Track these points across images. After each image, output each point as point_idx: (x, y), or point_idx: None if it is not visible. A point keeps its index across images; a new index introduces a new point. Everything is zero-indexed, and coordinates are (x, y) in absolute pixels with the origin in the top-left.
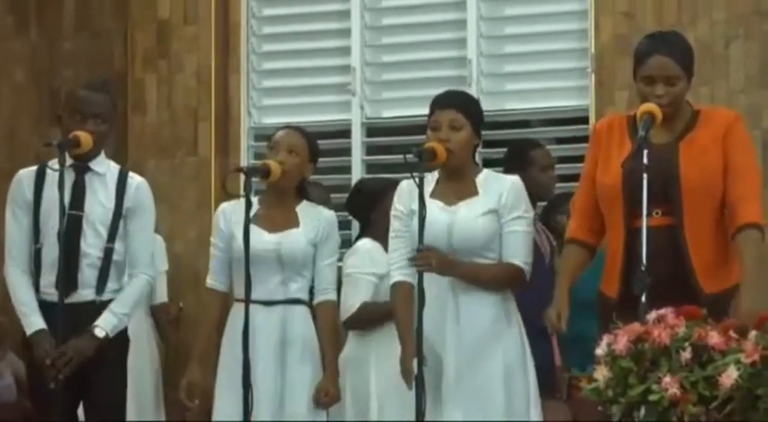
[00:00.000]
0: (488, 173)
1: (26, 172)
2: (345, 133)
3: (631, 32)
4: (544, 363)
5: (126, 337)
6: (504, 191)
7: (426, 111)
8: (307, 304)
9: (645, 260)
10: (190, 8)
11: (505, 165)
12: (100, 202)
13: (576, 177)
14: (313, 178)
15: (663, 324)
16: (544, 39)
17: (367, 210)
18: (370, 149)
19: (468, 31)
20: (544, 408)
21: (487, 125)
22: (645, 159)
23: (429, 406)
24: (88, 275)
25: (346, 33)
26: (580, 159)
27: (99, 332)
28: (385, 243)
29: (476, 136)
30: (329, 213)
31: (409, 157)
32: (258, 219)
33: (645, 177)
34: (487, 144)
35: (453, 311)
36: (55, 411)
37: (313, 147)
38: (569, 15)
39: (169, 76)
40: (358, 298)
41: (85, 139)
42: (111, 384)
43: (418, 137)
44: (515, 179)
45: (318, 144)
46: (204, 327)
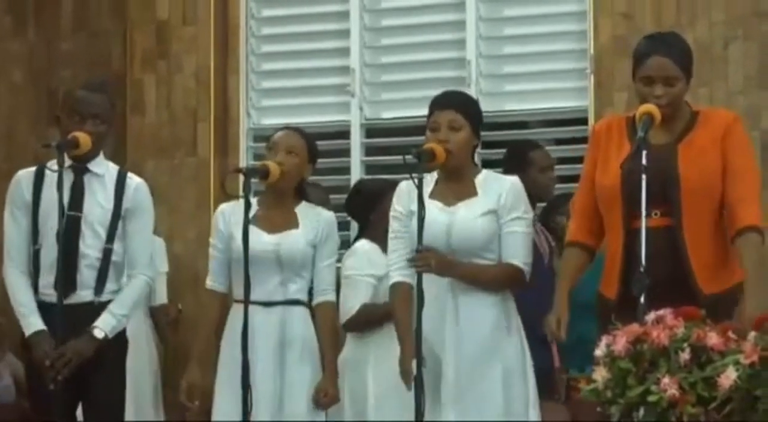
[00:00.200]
0: (487, 174)
1: (25, 173)
2: (344, 134)
3: (629, 33)
4: (543, 365)
5: (125, 338)
6: (503, 192)
7: (425, 112)
8: (306, 305)
9: (644, 261)
10: (189, 9)
11: (505, 166)
12: (98, 202)
13: (575, 178)
14: (312, 178)
15: (662, 325)
16: (543, 40)
17: (366, 211)
18: (369, 150)
19: (467, 32)
20: (543, 409)
21: (486, 126)
22: (644, 160)
23: (428, 407)
24: (86, 276)
25: (345, 34)
26: (579, 160)
27: (98, 333)
28: (383, 244)
29: (475, 136)
30: (328, 214)
31: (408, 158)
32: (257, 220)
33: (644, 178)
34: (486, 145)
35: (452, 312)
36: (54, 412)
37: (312, 148)
38: (568, 16)
39: (168, 76)
40: (358, 300)
41: (83, 139)
42: (109, 384)
43: (418, 138)
44: (514, 180)
45: (317, 145)
46: (203, 328)
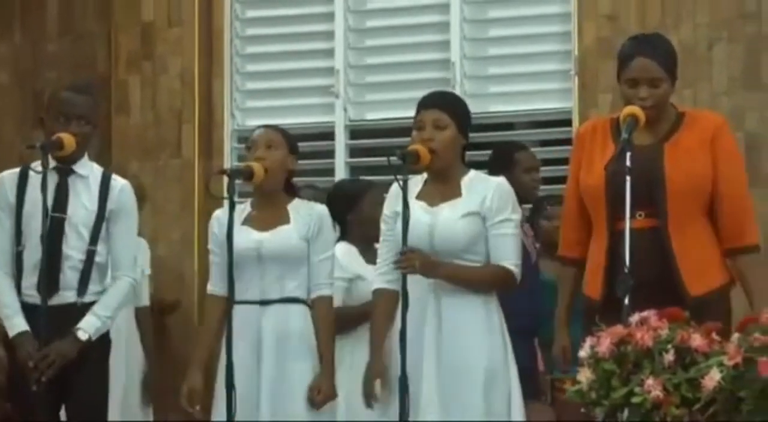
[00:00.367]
0: (474, 175)
1: (9, 174)
2: (328, 135)
3: (614, 35)
4: (527, 364)
5: (108, 339)
6: (488, 193)
7: (410, 113)
8: (305, 302)
9: (628, 262)
10: (174, 11)
11: (490, 166)
12: (83, 204)
13: (559, 179)
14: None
15: (646, 326)
16: (528, 41)
17: (344, 212)
18: (353, 151)
19: (451, 33)
20: (529, 410)
21: (471, 127)
22: (628, 161)
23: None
24: (69, 277)
25: (329, 35)
26: (564, 161)
27: (82, 335)
28: (360, 245)
29: (462, 136)
30: (321, 208)
31: (393, 159)
32: (250, 221)
33: (628, 179)
34: (470, 146)
35: (434, 313)
36: (37, 413)
37: (290, 139)
38: (552, 18)
39: (153, 78)
40: None
41: (68, 140)
42: (92, 385)
43: (402, 139)
44: (501, 181)
45: (294, 137)
46: (204, 333)
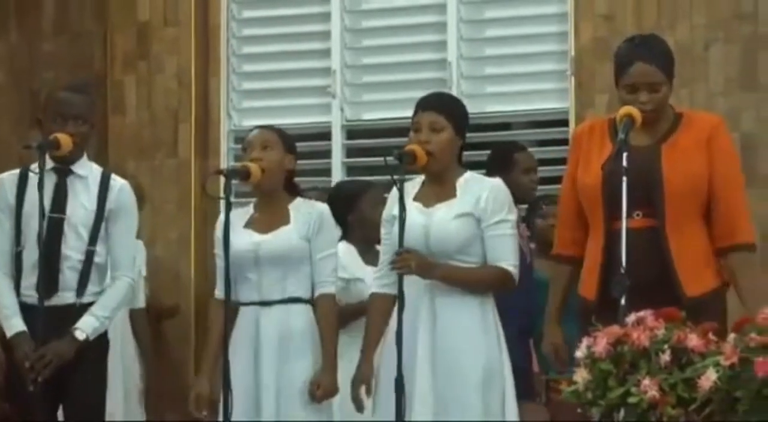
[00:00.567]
0: (470, 176)
1: (9, 176)
2: (325, 135)
3: (610, 35)
4: (522, 365)
5: (106, 339)
6: (483, 194)
7: (406, 113)
8: (307, 302)
9: (624, 262)
10: (170, 10)
11: (488, 167)
12: (82, 204)
13: (556, 179)
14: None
15: (642, 326)
16: (524, 42)
17: (344, 213)
18: (350, 152)
19: (448, 33)
20: (522, 410)
21: (467, 127)
22: (624, 161)
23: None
24: (68, 278)
25: (326, 35)
26: (561, 161)
27: (79, 334)
28: (360, 246)
29: (459, 137)
30: (322, 207)
31: (390, 159)
32: (252, 224)
33: (624, 180)
34: (467, 146)
35: (429, 314)
36: (34, 413)
37: (286, 139)
38: (549, 18)
39: (149, 77)
40: None
41: (64, 141)
42: (90, 386)
43: (399, 140)
44: (496, 182)
45: (291, 136)
46: (211, 338)
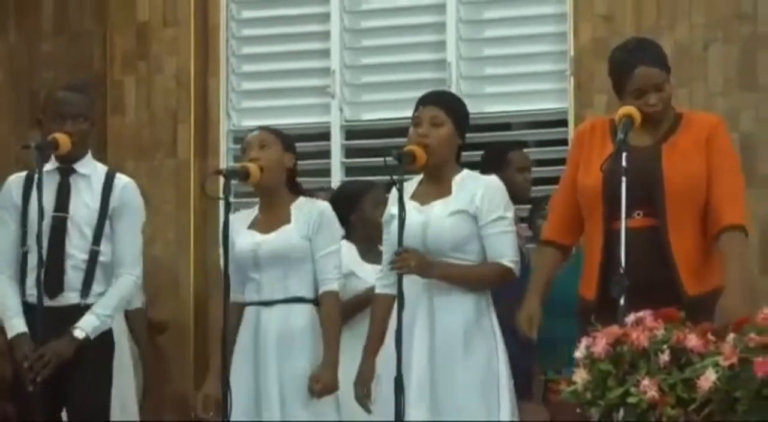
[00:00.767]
0: (466, 174)
1: (15, 178)
2: (324, 135)
3: (609, 35)
4: (522, 364)
5: (110, 340)
6: (478, 191)
7: (406, 114)
8: (311, 301)
9: (624, 263)
10: (170, 11)
11: (482, 167)
12: (85, 203)
13: (556, 180)
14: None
15: (641, 326)
16: (523, 42)
17: (346, 213)
18: (349, 152)
19: (447, 34)
20: (522, 410)
21: (468, 128)
22: (624, 161)
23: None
24: (73, 277)
25: (325, 35)
26: (560, 161)
27: (78, 333)
28: (361, 245)
29: (458, 135)
30: (322, 205)
31: (389, 159)
32: (256, 224)
33: (624, 179)
34: (466, 146)
35: (426, 313)
36: (34, 414)
37: (284, 138)
38: (548, 18)
39: (149, 77)
40: None
41: (63, 140)
42: (92, 386)
43: (398, 140)
44: (491, 179)
45: (290, 136)
46: (221, 339)
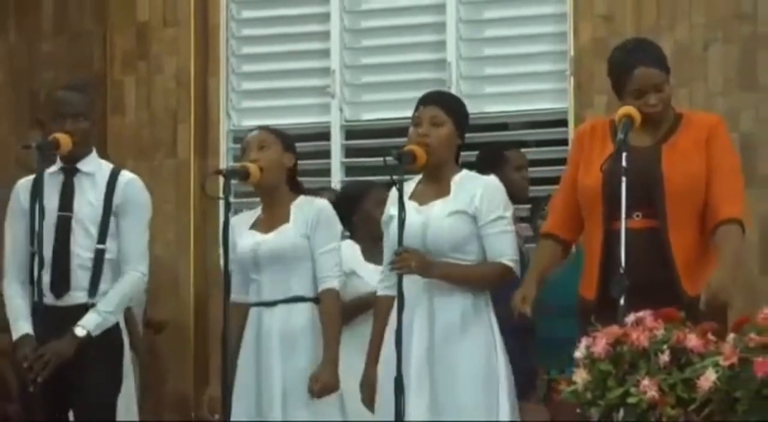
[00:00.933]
0: (465, 174)
1: (24, 181)
2: (324, 135)
3: (609, 35)
4: (524, 364)
5: (119, 338)
6: (477, 191)
7: (406, 114)
8: (311, 300)
9: (624, 263)
10: (170, 11)
11: (479, 166)
12: (88, 201)
13: (555, 180)
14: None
15: (641, 326)
16: (523, 42)
17: (349, 213)
18: (349, 152)
19: (447, 34)
20: (522, 410)
21: (467, 128)
22: (624, 161)
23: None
24: (80, 276)
25: (325, 35)
26: (560, 161)
27: (79, 331)
28: (364, 244)
29: (458, 135)
30: (321, 203)
31: (389, 159)
32: (258, 225)
33: (624, 179)
34: (466, 147)
35: (426, 312)
36: (35, 414)
37: (284, 137)
38: (548, 18)
39: (149, 77)
40: None
41: (63, 140)
42: (98, 386)
43: (398, 140)
44: (490, 179)
45: (290, 135)
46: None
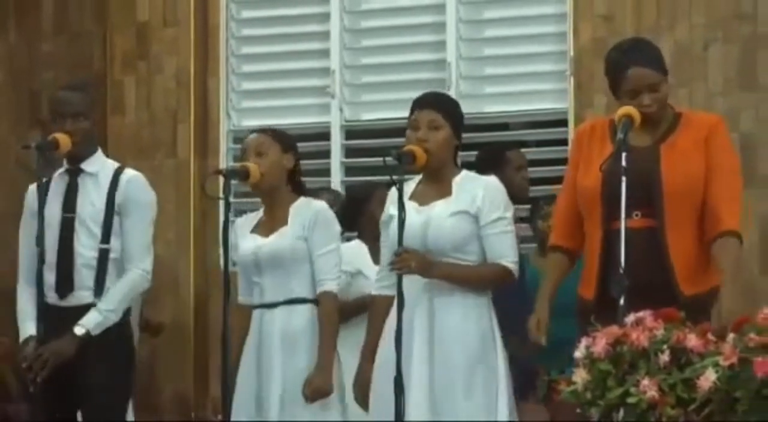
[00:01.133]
0: (466, 174)
1: (34, 186)
2: (324, 135)
3: (609, 35)
4: (524, 364)
5: (129, 338)
6: (478, 192)
7: (405, 114)
8: (311, 301)
9: (623, 263)
10: (170, 11)
11: (479, 167)
12: (90, 201)
13: (555, 179)
14: None
15: (641, 326)
16: (523, 42)
17: (355, 215)
18: (349, 152)
19: (447, 34)
20: (522, 410)
21: (466, 128)
22: (623, 161)
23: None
24: (84, 276)
25: (325, 35)
26: (560, 161)
27: (79, 330)
28: (371, 244)
29: (456, 137)
30: (318, 205)
31: (389, 159)
32: (259, 228)
33: (624, 179)
34: (466, 147)
35: (426, 313)
36: (35, 414)
37: (283, 139)
38: (548, 18)
39: (149, 77)
40: None
41: (63, 140)
42: (105, 386)
43: (398, 140)
44: (491, 180)
45: (290, 135)
46: (232, 343)
